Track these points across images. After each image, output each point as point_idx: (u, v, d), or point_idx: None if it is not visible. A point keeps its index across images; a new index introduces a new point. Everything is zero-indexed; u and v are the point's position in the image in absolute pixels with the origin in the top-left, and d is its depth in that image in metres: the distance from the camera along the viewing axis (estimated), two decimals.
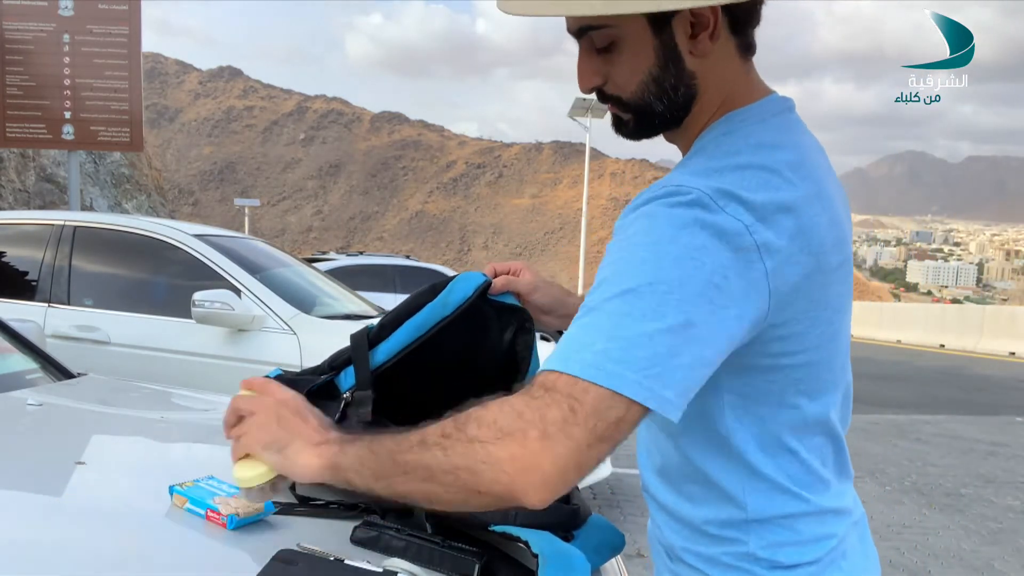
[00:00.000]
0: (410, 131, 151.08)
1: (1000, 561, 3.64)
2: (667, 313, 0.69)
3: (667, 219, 0.74)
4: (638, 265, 0.72)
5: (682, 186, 0.76)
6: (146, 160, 15.26)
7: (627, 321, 0.69)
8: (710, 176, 0.77)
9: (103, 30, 6.10)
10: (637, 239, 0.74)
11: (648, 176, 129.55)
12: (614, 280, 0.73)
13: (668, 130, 0.91)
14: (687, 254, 0.71)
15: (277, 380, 1.15)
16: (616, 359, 0.68)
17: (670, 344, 0.69)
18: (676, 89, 0.85)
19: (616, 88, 0.87)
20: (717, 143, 0.84)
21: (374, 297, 5.56)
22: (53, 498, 0.96)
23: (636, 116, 0.88)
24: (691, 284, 0.70)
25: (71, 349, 3.40)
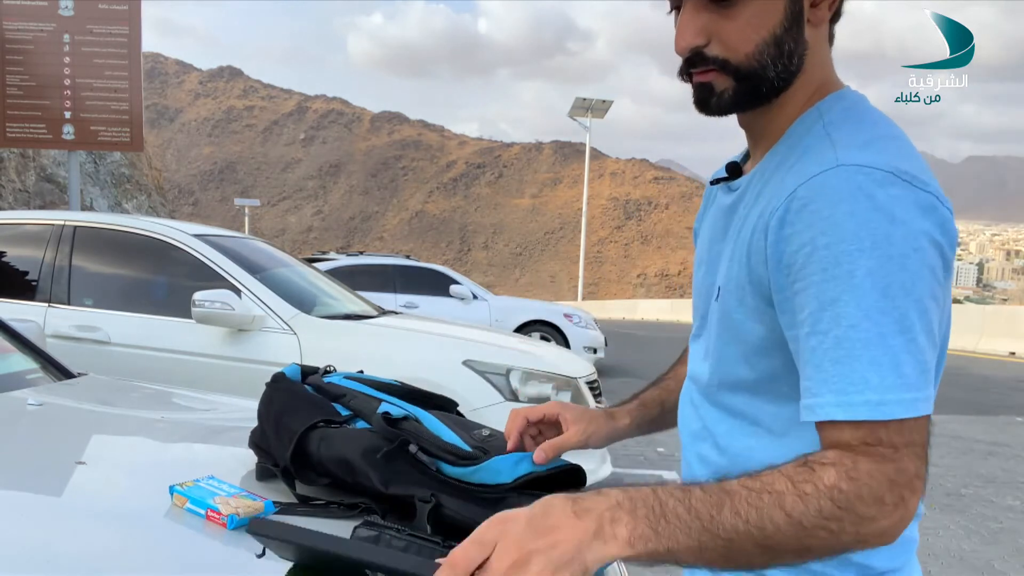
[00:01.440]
0: (410, 131, 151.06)
1: (1000, 561, 3.64)
2: (910, 317, 0.71)
3: (870, 209, 0.72)
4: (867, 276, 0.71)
5: (864, 167, 0.74)
6: (146, 160, 15.26)
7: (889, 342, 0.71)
8: (872, 150, 0.76)
9: (103, 30, 6.10)
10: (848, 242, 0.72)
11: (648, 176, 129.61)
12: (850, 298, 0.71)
13: (764, 103, 0.85)
14: (905, 247, 0.71)
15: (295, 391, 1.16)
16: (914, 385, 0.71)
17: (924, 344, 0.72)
18: (792, 56, 0.81)
19: (725, 49, 0.81)
20: (847, 117, 0.82)
21: (374, 297, 5.56)
22: (53, 498, 0.96)
23: (741, 83, 0.82)
24: (919, 276, 0.72)
25: (71, 349, 3.40)
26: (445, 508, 0.95)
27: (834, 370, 0.72)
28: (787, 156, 0.84)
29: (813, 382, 0.74)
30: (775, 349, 0.82)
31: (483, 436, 1.05)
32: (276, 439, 1.12)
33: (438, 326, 4.28)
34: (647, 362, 12.62)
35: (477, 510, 0.94)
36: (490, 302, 9.44)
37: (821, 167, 0.76)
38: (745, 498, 0.68)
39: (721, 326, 0.88)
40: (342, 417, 1.12)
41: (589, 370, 4.02)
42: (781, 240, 0.77)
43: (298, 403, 1.14)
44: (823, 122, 0.82)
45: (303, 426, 1.08)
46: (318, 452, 1.06)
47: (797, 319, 0.76)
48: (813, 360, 0.74)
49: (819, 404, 0.73)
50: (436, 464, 0.98)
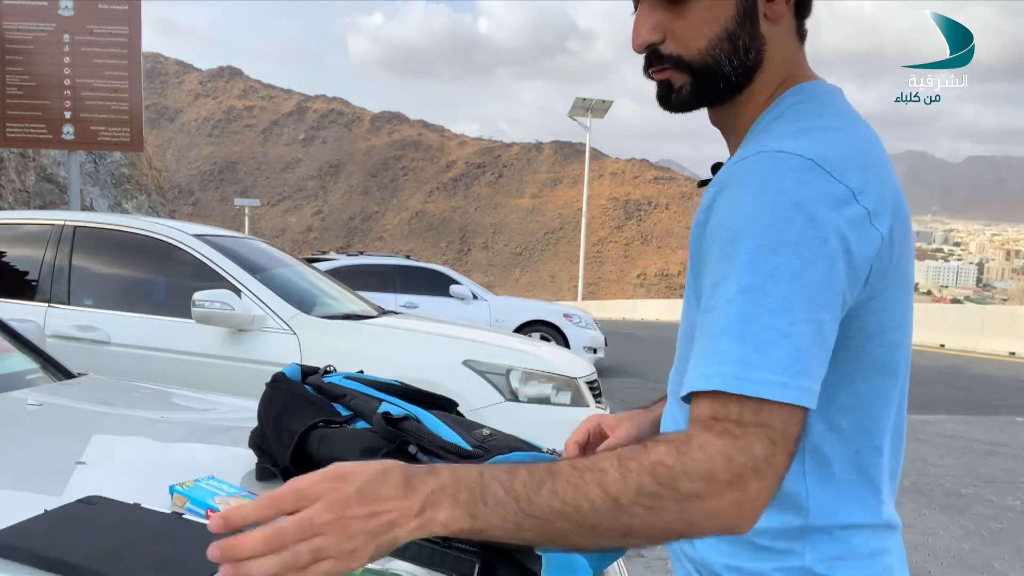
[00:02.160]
0: (410, 131, 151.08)
1: (1000, 561, 3.64)
2: (795, 304, 0.68)
3: (774, 194, 0.71)
4: (756, 255, 0.70)
5: (782, 152, 0.73)
6: (146, 160, 15.26)
7: (762, 321, 0.68)
8: (801, 138, 0.75)
9: (103, 30, 6.10)
10: (747, 222, 0.71)
11: (648, 176, 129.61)
12: (735, 276, 0.70)
13: (725, 100, 0.85)
14: (804, 234, 0.70)
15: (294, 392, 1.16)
16: (782, 369, 0.67)
17: (808, 334, 0.69)
18: (748, 51, 0.81)
19: (679, 45, 0.82)
20: (796, 110, 0.82)
21: (374, 297, 5.56)
22: (53, 498, 0.96)
23: (697, 78, 0.83)
24: (813, 265, 0.69)
25: (71, 349, 3.40)
26: None
27: (704, 344, 0.70)
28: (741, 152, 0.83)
29: (692, 359, 0.72)
30: None
31: (484, 435, 1.05)
32: (276, 439, 1.12)
33: (438, 326, 4.28)
34: (647, 362, 12.61)
35: None
36: (490, 302, 9.44)
37: (744, 155, 0.76)
38: (567, 477, 0.66)
39: (686, 323, 0.87)
40: (342, 417, 1.12)
41: (589, 370, 4.02)
42: (705, 227, 0.77)
43: (298, 403, 1.14)
44: (773, 115, 0.83)
45: (303, 426, 1.08)
46: (318, 452, 1.06)
47: (702, 302, 0.75)
48: (699, 338, 0.72)
49: (688, 379, 0.71)
50: (436, 464, 0.98)
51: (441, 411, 1.13)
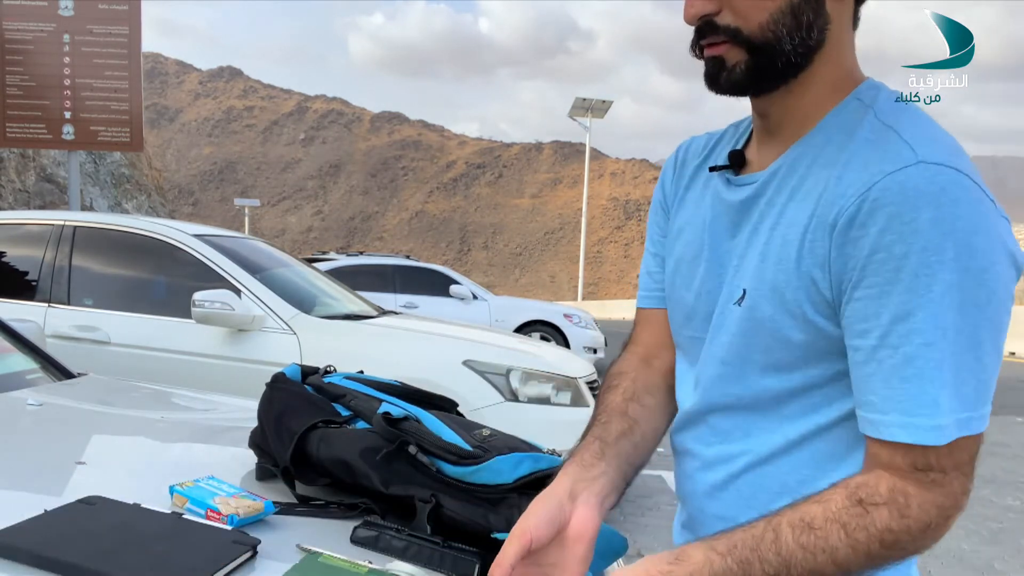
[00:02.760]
0: (410, 131, 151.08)
1: (1000, 561, 3.63)
2: (984, 337, 0.69)
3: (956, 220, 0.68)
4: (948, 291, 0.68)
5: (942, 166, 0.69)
6: (146, 160, 15.26)
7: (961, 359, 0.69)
8: (941, 148, 0.71)
9: (103, 30, 6.10)
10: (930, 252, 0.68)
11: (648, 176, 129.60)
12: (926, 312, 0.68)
13: (779, 84, 0.78)
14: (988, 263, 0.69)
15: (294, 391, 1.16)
16: (971, 403, 0.70)
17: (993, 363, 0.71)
18: (811, 29, 0.75)
19: (737, 17, 0.75)
20: (907, 112, 0.77)
21: (374, 297, 5.56)
22: (53, 498, 0.96)
23: (754, 55, 0.76)
24: (997, 294, 0.69)
25: (71, 349, 3.40)
26: (445, 508, 0.95)
27: (903, 388, 0.70)
28: (833, 148, 0.77)
29: (879, 398, 0.71)
30: (815, 358, 0.78)
31: (484, 436, 1.05)
32: (276, 439, 1.12)
33: (438, 326, 4.28)
34: None
35: (477, 510, 0.94)
36: (490, 302, 9.44)
37: (898, 164, 0.70)
38: (801, 561, 0.70)
39: (746, 332, 0.81)
40: (342, 417, 1.12)
41: (589, 370, 4.02)
42: (849, 242, 0.72)
43: (298, 403, 1.14)
44: (874, 113, 0.76)
45: (303, 426, 1.08)
46: (318, 452, 1.06)
47: (860, 327, 0.72)
48: (880, 374, 0.71)
49: (884, 423, 0.71)
50: (436, 464, 0.98)
51: (441, 411, 1.13)
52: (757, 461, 0.84)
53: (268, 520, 0.98)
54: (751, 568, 0.70)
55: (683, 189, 0.96)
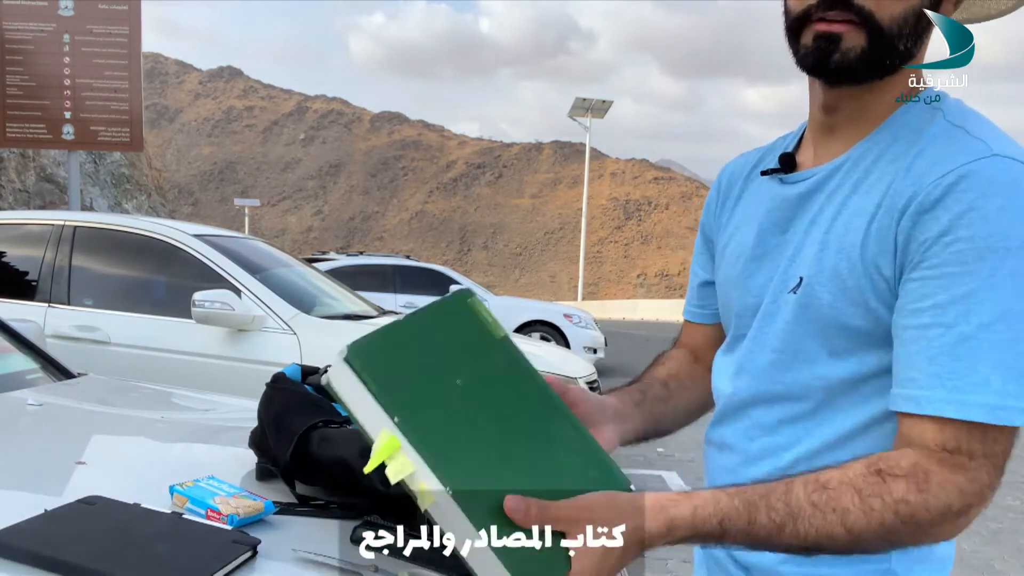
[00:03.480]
0: (410, 131, 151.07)
1: (1000, 561, 3.64)
2: None
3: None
4: (1010, 277, 0.68)
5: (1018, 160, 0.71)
6: (146, 160, 15.26)
7: (1016, 348, 0.68)
8: (1013, 145, 0.73)
9: (103, 30, 6.10)
10: (996, 239, 0.69)
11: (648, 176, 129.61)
12: (986, 296, 0.69)
13: (872, 79, 0.81)
14: None
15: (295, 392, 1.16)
16: (1015, 394, 0.68)
17: None
18: (921, 36, 0.79)
19: (875, 3, 0.76)
20: (966, 111, 0.79)
21: (374, 297, 5.56)
22: (53, 498, 0.96)
23: (873, 43, 0.77)
24: None
25: (71, 349, 3.40)
26: None
27: (952, 366, 0.69)
28: (901, 145, 0.79)
29: (924, 375, 0.71)
30: (872, 346, 0.78)
31: None
32: (276, 439, 1.12)
33: None
34: (647, 362, 12.60)
35: None
36: (490, 302, 9.44)
37: (973, 155, 0.72)
38: (809, 517, 0.69)
39: (801, 319, 0.82)
40: (342, 417, 1.12)
41: (589, 370, 4.02)
42: (918, 225, 0.73)
43: (299, 403, 1.14)
44: (943, 113, 0.79)
45: (303, 426, 1.08)
46: (318, 452, 1.06)
47: (913, 307, 0.73)
48: (928, 352, 0.71)
49: (927, 398, 0.70)
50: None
51: None
52: (807, 455, 0.83)
53: (268, 520, 0.98)
54: (756, 512, 0.70)
55: (733, 203, 0.99)
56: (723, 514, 0.70)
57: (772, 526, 0.70)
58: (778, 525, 0.70)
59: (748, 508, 0.70)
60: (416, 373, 0.73)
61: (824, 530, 0.69)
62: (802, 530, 0.69)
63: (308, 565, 0.89)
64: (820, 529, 0.69)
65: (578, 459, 0.76)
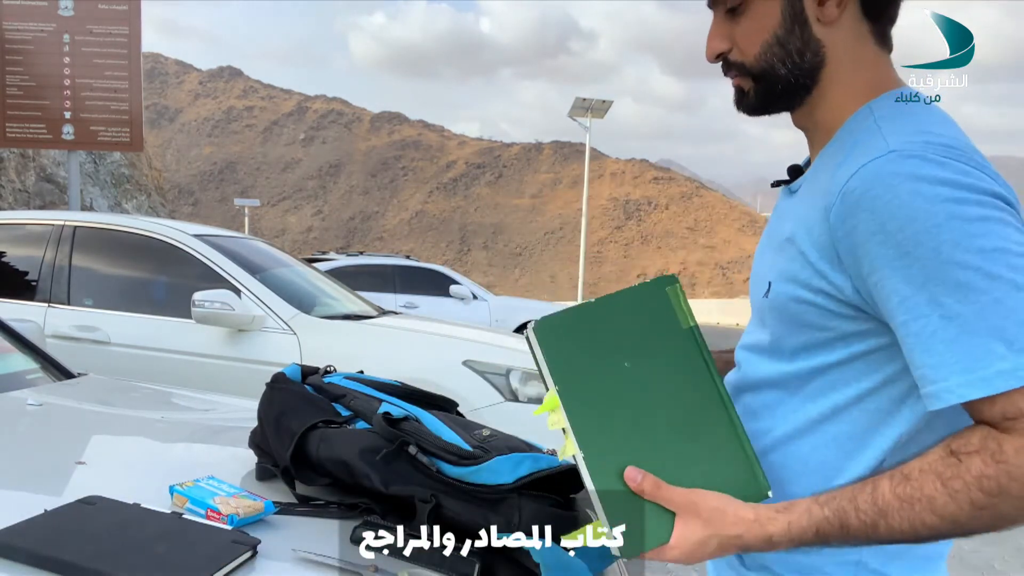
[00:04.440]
0: (410, 131, 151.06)
1: (1000, 561, 3.64)
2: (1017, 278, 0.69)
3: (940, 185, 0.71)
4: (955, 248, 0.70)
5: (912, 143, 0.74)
6: (146, 160, 15.26)
7: (1000, 307, 0.69)
8: (920, 135, 0.76)
9: (103, 30, 6.10)
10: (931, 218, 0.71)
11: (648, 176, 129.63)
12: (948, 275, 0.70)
13: (795, 102, 0.89)
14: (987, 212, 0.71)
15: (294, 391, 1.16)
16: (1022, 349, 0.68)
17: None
18: (802, 54, 0.85)
19: (740, 53, 0.88)
20: (899, 112, 0.82)
21: (374, 297, 5.56)
22: (53, 498, 0.96)
23: (759, 83, 0.88)
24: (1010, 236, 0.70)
25: (71, 349, 3.40)
26: (445, 508, 0.95)
27: (950, 350, 0.70)
28: (838, 153, 0.84)
29: (930, 368, 0.72)
30: (836, 339, 0.82)
31: (484, 436, 1.05)
32: (276, 439, 1.12)
33: (438, 326, 4.28)
34: None
35: (477, 511, 0.94)
36: (490, 302, 9.44)
37: (873, 155, 0.76)
38: (897, 511, 0.72)
39: (775, 319, 0.88)
40: (342, 417, 1.12)
41: None
42: (847, 232, 0.76)
43: (298, 403, 1.14)
44: (874, 117, 0.83)
45: (303, 426, 1.08)
46: (317, 452, 1.06)
47: (885, 308, 0.75)
48: (920, 345, 0.72)
49: (945, 389, 0.71)
50: (436, 464, 0.98)
51: (441, 411, 1.13)
52: (781, 439, 0.88)
53: (268, 520, 0.98)
54: (847, 517, 0.73)
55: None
56: (817, 525, 0.74)
57: (866, 527, 0.73)
58: (871, 525, 0.73)
59: (839, 515, 0.74)
60: (588, 351, 0.83)
61: (917, 520, 0.71)
62: (895, 524, 0.72)
63: (308, 565, 0.89)
64: (912, 521, 0.71)
65: (721, 455, 0.82)
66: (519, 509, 0.90)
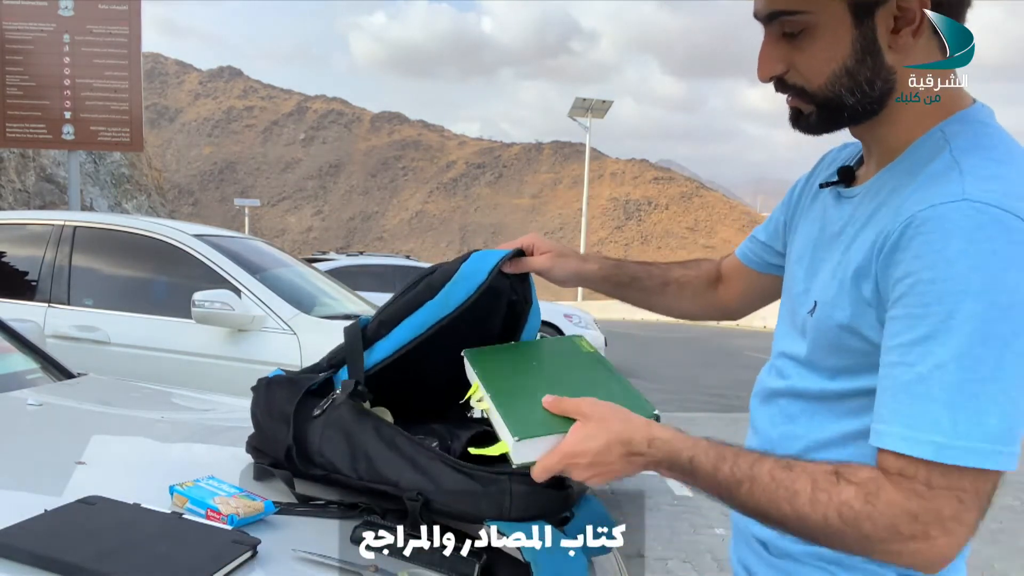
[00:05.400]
0: (410, 131, 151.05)
1: (1000, 561, 3.64)
2: (1008, 373, 0.69)
3: (986, 253, 0.70)
4: (968, 320, 0.69)
5: (988, 205, 0.71)
6: (146, 160, 15.26)
7: (971, 389, 0.69)
8: (997, 184, 0.73)
9: (103, 30, 6.10)
10: (956, 282, 0.70)
11: (648, 176, 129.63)
12: (944, 339, 0.70)
13: (858, 123, 0.87)
14: (1019, 298, 0.69)
15: (278, 380, 1.16)
16: (974, 435, 0.69)
17: (1014, 400, 0.70)
18: (872, 83, 0.82)
19: (801, 78, 0.84)
20: (972, 142, 0.79)
21: (374, 297, 5.55)
22: (53, 498, 0.96)
23: (821, 109, 0.85)
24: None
25: (71, 349, 3.40)
26: (434, 501, 0.94)
27: (909, 404, 0.72)
28: (907, 179, 0.81)
29: (887, 409, 0.75)
30: (872, 368, 0.81)
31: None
32: (271, 426, 1.12)
33: None
34: (647, 362, 12.61)
35: (466, 498, 0.93)
36: None
37: (944, 198, 0.74)
38: (764, 486, 0.76)
39: (818, 338, 0.88)
40: (322, 377, 1.11)
41: None
42: (891, 264, 0.76)
43: (282, 386, 1.14)
44: (950, 148, 0.80)
45: (293, 403, 1.08)
46: (318, 443, 1.06)
47: (886, 344, 0.77)
48: (892, 388, 0.74)
49: (886, 432, 0.74)
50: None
51: None
52: (812, 446, 0.89)
53: (268, 520, 0.98)
54: (722, 463, 0.78)
55: (806, 207, 1.04)
56: (694, 453, 0.79)
57: (731, 480, 0.77)
58: (737, 480, 0.77)
59: (718, 458, 0.79)
60: (504, 357, 1.08)
61: (774, 502, 0.75)
62: (756, 493, 0.76)
63: (308, 565, 0.89)
64: (770, 500, 0.76)
65: (614, 393, 0.94)
66: (510, 494, 0.90)
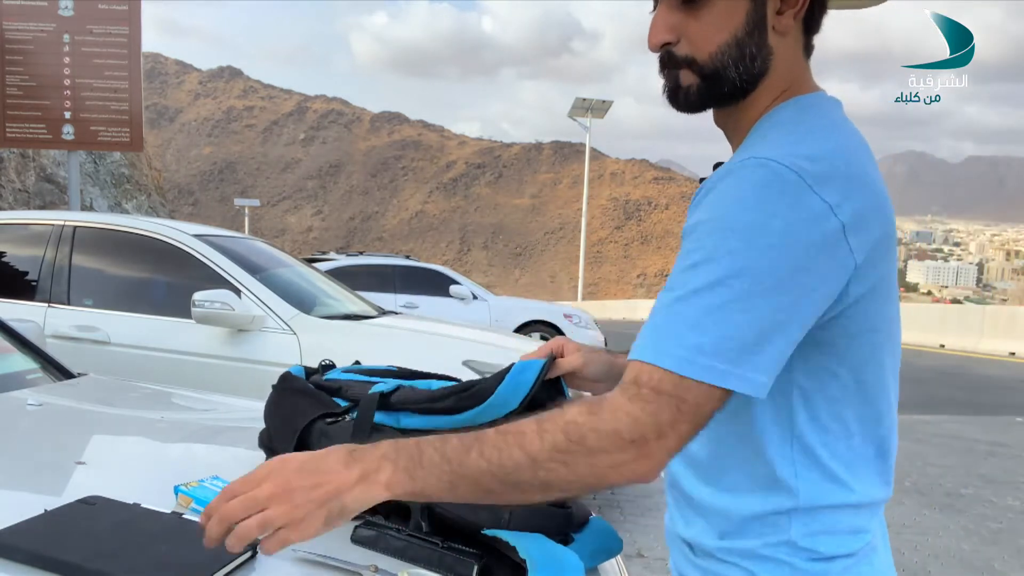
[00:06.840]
0: (410, 131, 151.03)
1: (1000, 561, 3.64)
2: (757, 303, 0.73)
3: (756, 201, 0.75)
4: (727, 254, 0.74)
5: (770, 160, 0.76)
6: (146, 160, 15.25)
7: (719, 313, 0.73)
8: (790, 148, 0.78)
9: (103, 30, 6.10)
10: (726, 221, 0.75)
11: (648, 176, 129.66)
12: (704, 268, 0.74)
13: (729, 103, 0.89)
14: (777, 241, 0.73)
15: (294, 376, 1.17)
16: (711, 352, 0.72)
17: (761, 331, 0.73)
18: (754, 59, 0.85)
19: (691, 48, 0.86)
20: (793, 119, 0.84)
21: (374, 297, 5.55)
22: (53, 498, 0.96)
23: (704, 80, 0.86)
24: (780, 270, 0.73)
25: (71, 349, 3.40)
26: (436, 507, 0.95)
27: (664, 322, 0.75)
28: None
29: (647, 328, 0.77)
30: None
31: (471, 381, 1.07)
32: (280, 438, 1.13)
33: (438, 326, 4.28)
34: None
35: (465, 506, 0.93)
36: (490, 302, 9.43)
37: (736, 160, 0.80)
38: (492, 441, 0.74)
39: None
40: (342, 408, 1.12)
41: None
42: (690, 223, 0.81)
43: (300, 400, 1.15)
44: (770, 123, 0.85)
45: (306, 420, 1.09)
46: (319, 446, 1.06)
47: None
48: (654, 309, 0.78)
49: (640, 346, 0.77)
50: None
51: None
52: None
53: None
54: (449, 439, 0.75)
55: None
56: (420, 439, 0.76)
57: (460, 448, 0.74)
58: (466, 447, 0.74)
59: (443, 438, 0.76)
60: None
61: (505, 452, 0.73)
62: (487, 451, 0.73)
63: (308, 565, 0.89)
64: (502, 451, 0.73)
65: None
66: (508, 508, 0.90)
